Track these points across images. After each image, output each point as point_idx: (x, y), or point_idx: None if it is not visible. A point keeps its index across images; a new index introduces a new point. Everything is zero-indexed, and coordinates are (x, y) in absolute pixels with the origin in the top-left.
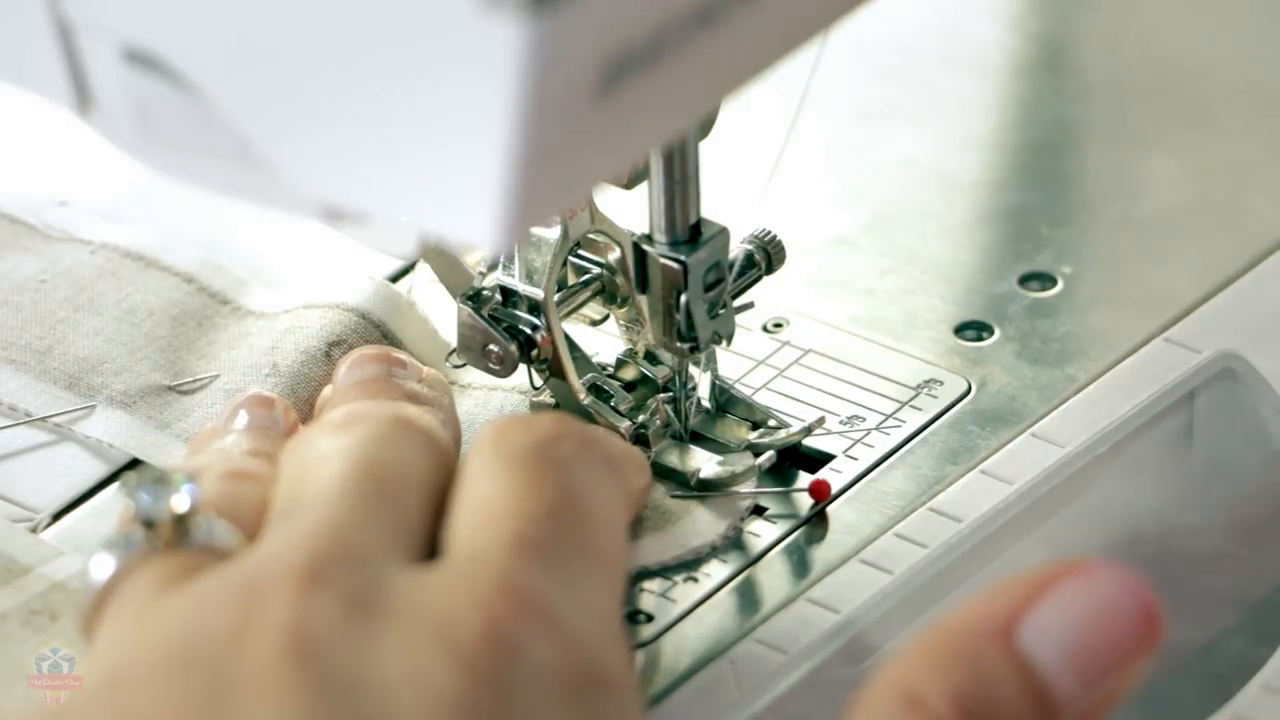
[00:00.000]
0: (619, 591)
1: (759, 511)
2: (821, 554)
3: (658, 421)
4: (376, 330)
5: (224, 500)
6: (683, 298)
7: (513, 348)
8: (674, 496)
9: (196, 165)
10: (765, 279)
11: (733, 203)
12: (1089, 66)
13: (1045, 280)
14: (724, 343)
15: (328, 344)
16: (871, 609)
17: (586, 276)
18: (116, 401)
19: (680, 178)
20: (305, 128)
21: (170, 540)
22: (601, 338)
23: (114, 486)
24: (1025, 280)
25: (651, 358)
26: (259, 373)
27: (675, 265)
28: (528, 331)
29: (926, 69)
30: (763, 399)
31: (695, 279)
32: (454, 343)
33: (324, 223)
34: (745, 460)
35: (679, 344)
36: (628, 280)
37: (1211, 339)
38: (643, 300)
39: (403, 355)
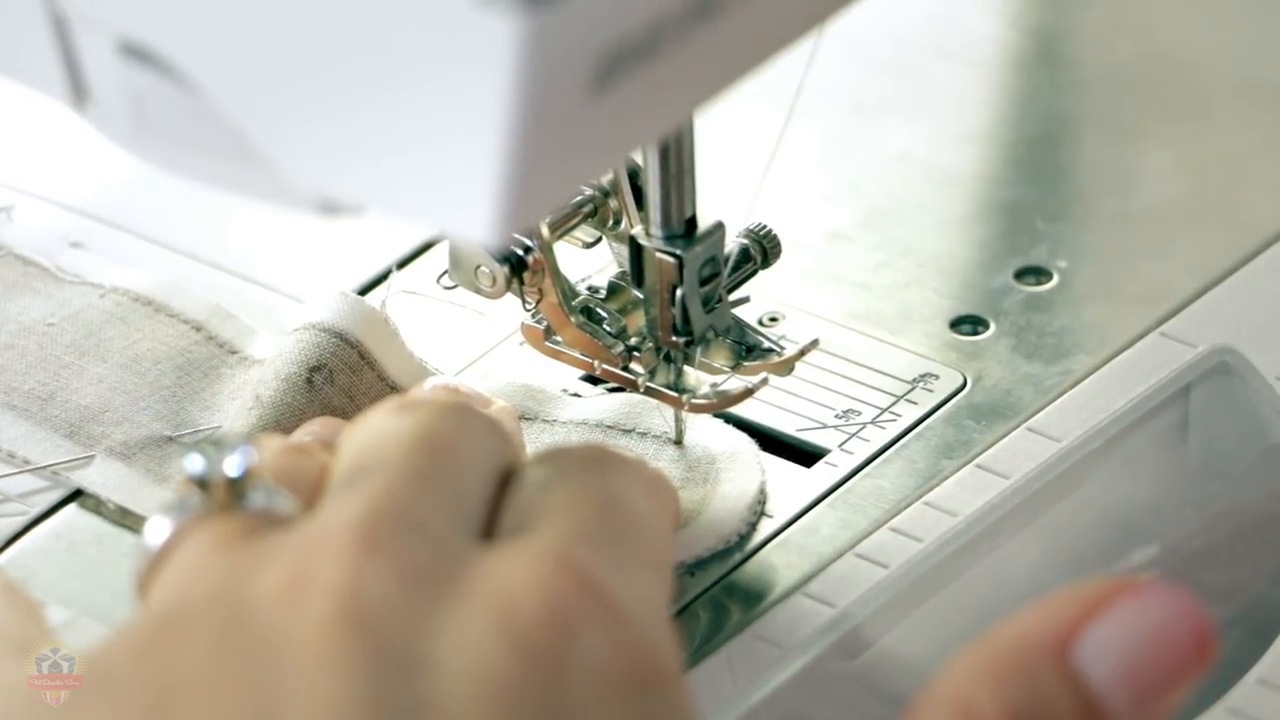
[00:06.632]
0: (669, 589)
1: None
2: (817, 548)
3: (649, 343)
4: (354, 351)
5: (283, 471)
6: (678, 292)
7: (504, 269)
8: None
9: (192, 159)
10: (761, 273)
11: (728, 197)
12: (1084, 60)
13: (1041, 274)
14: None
15: (309, 369)
16: (867, 603)
17: (579, 199)
18: (116, 452)
19: (676, 172)
20: (301, 122)
21: (225, 502)
22: (594, 260)
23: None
24: (1021, 274)
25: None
26: (244, 407)
27: (671, 260)
28: (519, 253)
29: (922, 63)
30: (759, 393)
31: (691, 273)
32: (427, 361)
33: (319, 217)
34: (738, 383)
35: (674, 338)
36: (621, 203)
37: (1207, 333)
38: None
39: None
